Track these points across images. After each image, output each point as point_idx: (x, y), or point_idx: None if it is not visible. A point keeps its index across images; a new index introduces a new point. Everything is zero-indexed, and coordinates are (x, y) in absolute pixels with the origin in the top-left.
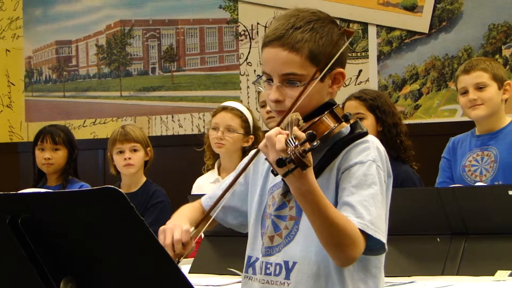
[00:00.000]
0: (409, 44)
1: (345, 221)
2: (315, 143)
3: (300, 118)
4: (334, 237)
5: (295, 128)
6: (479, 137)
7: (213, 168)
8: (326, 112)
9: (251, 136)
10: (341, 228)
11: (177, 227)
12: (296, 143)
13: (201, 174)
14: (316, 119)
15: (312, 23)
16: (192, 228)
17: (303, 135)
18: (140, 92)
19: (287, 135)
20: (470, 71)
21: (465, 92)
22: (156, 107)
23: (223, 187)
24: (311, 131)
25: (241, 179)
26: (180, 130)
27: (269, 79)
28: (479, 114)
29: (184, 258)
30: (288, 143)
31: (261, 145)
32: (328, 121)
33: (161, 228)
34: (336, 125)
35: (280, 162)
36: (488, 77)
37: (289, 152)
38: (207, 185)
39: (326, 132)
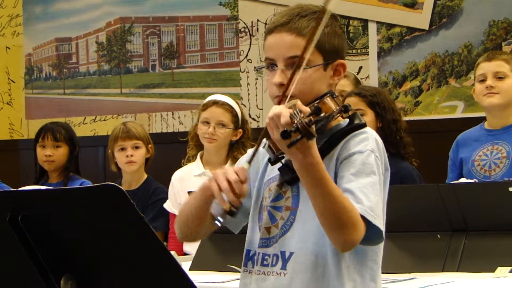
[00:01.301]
0: (409, 40)
1: (347, 201)
2: (322, 115)
3: (301, 103)
4: (337, 216)
5: (299, 103)
6: (491, 131)
7: (193, 160)
8: (328, 95)
9: (240, 130)
10: (343, 207)
11: (227, 169)
12: (302, 115)
13: None
14: (318, 100)
15: (317, 14)
16: (247, 164)
17: (308, 109)
18: (140, 89)
19: (291, 110)
20: (492, 59)
21: (483, 80)
22: (156, 104)
23: None
24: (316, 104)
25: None
26: (181, 127)
27: (273, 65)
28: (493, 102)
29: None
30: (293, 116)
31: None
32: (330, 103)
33: (210, 177)
34: (337, 108)
35: (285, 134)
36: (509, 69)
37: (295, 122)
38: (191, 178)
39: (328, 113)
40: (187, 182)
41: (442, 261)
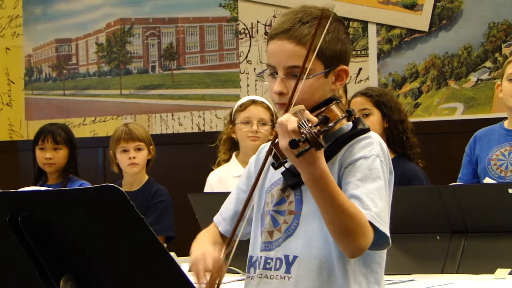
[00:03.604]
0: (409, 42)
1: (355, 209)
2: (330, 124)
3: (305, 109)
4: (346, 225)
5: (307, 111)
6: (510, 132)
7: (224, 163)
8: (333, 102)
9: (272, 130)
10: (352, 216)
11: (208, 255)
12: (310, 125)
13: (202, 171)
14: (323, 108)
15: (319, 19)
16: (222, 256)
17: (315, 118)
18: (140, 90)
19: (299, 119)
20: None
21: None
22: (156, 106)
23: (232, 201)
24: (324, 114)
25: (243, 185)
26: (180, 128)
27: (274, 72)
28: None
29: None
30: (301, 125)
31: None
32: (335, 110)
33: (191, 260)
34: (343, 115)
35: (293, 143)
36: None
37: (304, 132)
38: (230, 179)
39: (335, 121)
40: (226, 183)
41: (442, 262)
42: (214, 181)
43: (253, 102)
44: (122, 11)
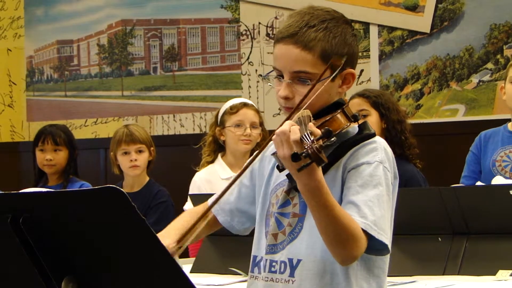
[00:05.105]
0: (411, 44)
1: (349, 220)
2: (332, 139)
3: (311, 115)
4: (338, 235)
5: (310, 123)
6: None
7: (208, 165)
8: (338, 111)
9: (261, 133)
10: (345, 227)
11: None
12: (312, 139)
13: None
14: (328, 117)
15: (326, 22)
16: (173, 245)
17: (319, 131)
18: (142, 91)
19: (300, 130)
20: None
21: None
22: (157, 107)
23: (234, 194)
24: (327, 127)
25: (246, 181)
26: (182, 129)
27: (280, 75)
28: None
29: None
30: (303, 138)
31: (273, 138)
32: (340, 119)
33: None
34: (348, 124)
35: (295, 157)
36: None
37: (305, 147)
38: (218, 180)
39: (338, 130)
40: (214, 185)
41: (443, 264)
42: (202, 182)
43: (245, 105)
44: (123, 13)
